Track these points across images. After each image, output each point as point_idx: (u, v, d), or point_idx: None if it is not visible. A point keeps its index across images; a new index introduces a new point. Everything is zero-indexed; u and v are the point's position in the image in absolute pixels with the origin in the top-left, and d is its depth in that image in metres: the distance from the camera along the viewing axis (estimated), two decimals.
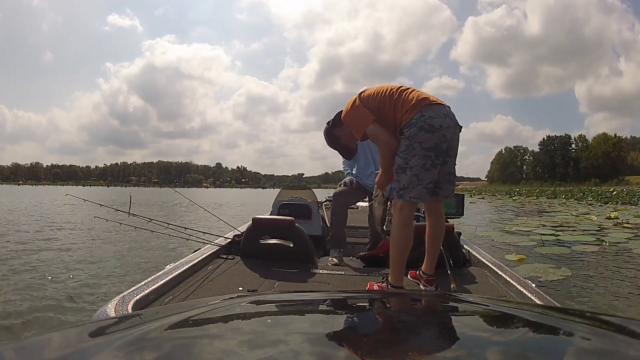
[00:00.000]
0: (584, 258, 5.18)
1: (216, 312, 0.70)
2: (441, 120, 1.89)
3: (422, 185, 1.88)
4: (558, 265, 4.45)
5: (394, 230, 1.93)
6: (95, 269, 4.41)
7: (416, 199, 1.91)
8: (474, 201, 23.85)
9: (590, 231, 7.83)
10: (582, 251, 5.60)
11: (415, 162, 1.87)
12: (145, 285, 1.73)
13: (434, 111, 1.90)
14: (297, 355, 0.50)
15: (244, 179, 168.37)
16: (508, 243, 6.30)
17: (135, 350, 0.51)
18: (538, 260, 4.86)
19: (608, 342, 0.55)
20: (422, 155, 1.87)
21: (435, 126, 1.87)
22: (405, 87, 2.04)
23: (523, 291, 1.84)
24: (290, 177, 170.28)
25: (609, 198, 21.07)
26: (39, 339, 0.66)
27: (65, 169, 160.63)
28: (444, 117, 1.90)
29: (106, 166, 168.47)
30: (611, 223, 9.28)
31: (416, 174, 1.88)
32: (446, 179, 2.00)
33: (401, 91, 2.00)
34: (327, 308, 0.79)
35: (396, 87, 2.04)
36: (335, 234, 2.82)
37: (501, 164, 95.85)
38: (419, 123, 1.87)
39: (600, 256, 5.37)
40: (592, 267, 4.67)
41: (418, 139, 1.87)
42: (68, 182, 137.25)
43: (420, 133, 1.87)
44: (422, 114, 1.89)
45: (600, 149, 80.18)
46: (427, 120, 1.87)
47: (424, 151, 1.87)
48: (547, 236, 6.95)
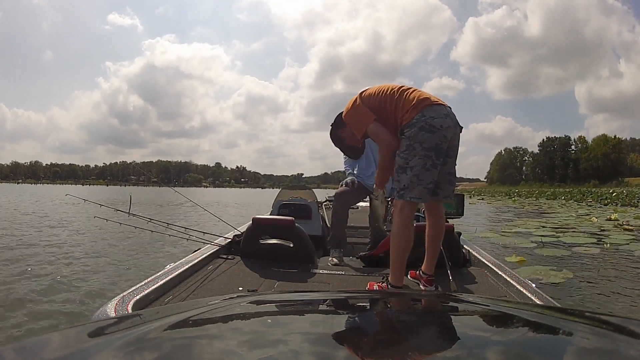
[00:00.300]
0: (585, 260, 5.15)
1: (216, 312, 0.70)
2: (442, 120, 1.89)
3: (422, 185, 1.89)
4: (559, 267, 4.42)
5: (394, 230, 1.93)
6: (95, 268, 4.41)
7: (416, 199, 1.91)
8: (474, 202, 23.84)
9: (591, 233, 7.79)
10: (583, 253, 5.57)
11: (415, 162, 1.88)
12: (145, 285, 1.72)
13: (435, 111, 1.90)
14: (298, 355, 0.50)
15: (243, 178, 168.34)
16: (508, 245, 6.28)
17: (136, 350, 0.51)
18: (539, 262, 4.82)
19: (608, 342, 0.55)
20: (423, 155, 1.87)
21: (435, 126, 1.87)
22: (406, 87, 2.04)
23: (523, 291, 1.84)
24: (290, 177, 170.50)
25: (609, 200, 21.07)
26: (39, 339, 0.66)
27: (65, 168, 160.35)
28: (444, 117, 1.91)
29: (105, 165, 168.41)
30: (611, 225, 9.26)
31: (417, 174, 1.88)
32: (446, 179, 2.00)
33: (402, 91, 2.00)
34: (327, 308, 0.80)
35: (397, 87, 2.04)
36: (336, 234, 2.82)
37: (500, 165, 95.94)
38: (419, 123, 1.88)
39: (602, 258, 5.34)
40: (594, 269, 4.64)
41: (419, 139, 1.87)
42: (67, 180, 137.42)
43: (421, 133, 1.87)
44: (423, 114, 1.89)
45: (600, 151, 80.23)
46: (428, 121, 1.87)
47: (425, 151, 1.87)
48: (547, 238, 6.93)
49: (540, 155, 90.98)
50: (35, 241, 6.19)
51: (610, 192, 28.47)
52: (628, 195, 23.76)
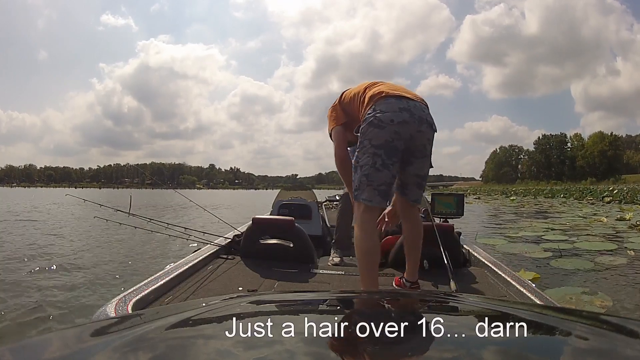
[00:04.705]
0: (615, 274, 4.15)
1: (216, 313, 0.70)
2: (393, 114, 1.73)
3: (372, 186, 1.75)
4: (590, 288, 3.41)
5: (355, 233, 1.81)
6: (95, 269, 4.36)
7: (367, 201, 1.76)
8: (470, 201, 23.00)
9: (606, 236, 6.88)
10: (609, 265, 4.56)
11: (365, 160, 1.77)
12: (145, 285, 1.71)
13: (387, 104, 1.76)
14: (297, 356, 0.51)
15: (237, 180, 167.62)
16: (516, 254, 5.26)
17: (136, 350, 0.52)
18: (561, 280, 3.84)
19: (607, 342, 0.55)
20: (372, 153, 1.75)
21: (384, 121, 1.73)
22: (374, 83, 1.93)
23: (523, 291, 1.83)
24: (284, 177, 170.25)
25: (610, 197, 20.47)
26: (39, 339, 0.67)
27: (59, 171, 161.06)
28: (399, 111, 1.74)
29: (99, 168, 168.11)
30: (624, 225, 8.41)
31: (365, 173, 1.76)
32: (413, 182, 1.88)
33: (367, 87, 1.91)
34: (327, 308, 0.79)
35: (367, 84, 1.94)
36: (343, 235, 2.80)
37: (496, 164, 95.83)
38: (369, 118, 1.76)
39: (633, 270, 4.35)
40: (629, 287, 3.66)
41: (368, 136, 1.76)
42: (62, 184, 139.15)
43: (370, 129, 1.76)
44: (374, 108, 1.78)
45: (597, 148, 79.75)
46: (377, 115, 1.75)
47: (374, 149, 1.74)
48: (560, 244, 5.92)
49: (536, 153, 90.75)
50: (35, 241, 6.10)
51: (610, 190, 27.75)
52: (629, 192, 23.01)
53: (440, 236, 2.27)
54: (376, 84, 1.90)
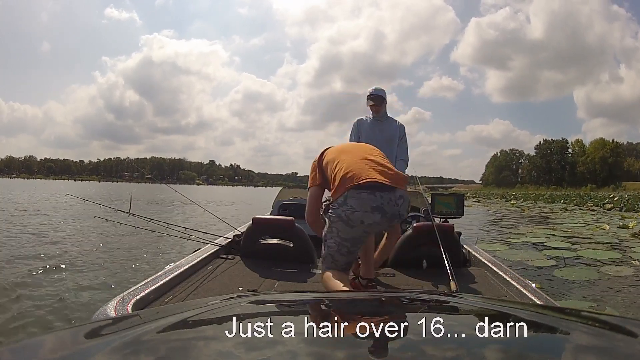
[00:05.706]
0: (621, 285, 4.02)
1: (216, 313, 0.70)
2: (364, 215, 1.73)
3: (336, 265, 1.83)
4: (598, 301, 3.28)
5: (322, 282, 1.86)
6: (95, 268, 4.38)
7: (331, 269, 1.84)
8: (469, 204, 22.76)
9: (610, 244, 6.73)
10: (614, 275, 4.42)
11: (331, 242, 1.82)
12: (145, 285, 1.72)
13: (359, 201, 1.73)
14: (298, 356, 0.51)
15: (237, 176, 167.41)
16: (519, 261, 5.12)
17: (135, 350, 0.52)
18: (567, 292, 3.68)
19: (607, 341, 0.55)
20: (338, 242, 1.80)
21: (354, 221, 1.74)
22: (345, 153, 1.91)
23: (523, 291, 1.82)
24: (284, 175, 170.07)
25: (611, 204, 20.26)
26: (39, 339, 0.67)
27: (59, 163, 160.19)
28: (370, 211, 1.73)
29: (99, 161, 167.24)
30: (627, 234, 8.24)
31: (331, 253, 1.83)
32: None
33: (336, 160, 1.88)
34: (327, 308, 0.78)
35: (339, 150, 1.96)
36: None
37: (496, 167, 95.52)
38: (339, 210, 1.76)
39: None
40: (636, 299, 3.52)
41: (337, 226, 1.79)
42: (61, 176, 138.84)
43: (339, 222, 1.77)
44: (345, 200, 1.75)
45: (598, 154, 79.39)
46: (347, 213, 1.74)
47: (341, 240, 1.79)
48: (563, 251, 5.77)
49: (537, 157, 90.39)
50: (34, 241, 6.10)
51: (611, 197, 27.57)
52: (630, 200, 22.83)
53: (440, 236, 2.27)
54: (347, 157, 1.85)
